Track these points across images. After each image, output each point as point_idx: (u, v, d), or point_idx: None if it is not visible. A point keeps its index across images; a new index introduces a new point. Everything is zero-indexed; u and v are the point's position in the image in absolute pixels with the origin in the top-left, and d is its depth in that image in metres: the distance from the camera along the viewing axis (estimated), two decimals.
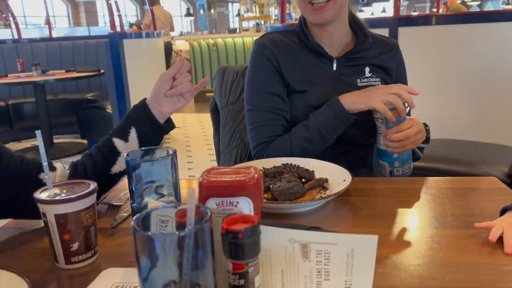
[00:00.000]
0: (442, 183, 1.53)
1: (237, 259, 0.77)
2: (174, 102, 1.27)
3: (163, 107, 1.28)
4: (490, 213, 1.27)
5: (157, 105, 1.30)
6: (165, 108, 1.31)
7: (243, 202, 0.86)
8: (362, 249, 0.82)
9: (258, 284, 0.81)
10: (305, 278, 0.87)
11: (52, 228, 1.02)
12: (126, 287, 0.96)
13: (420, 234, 1.16)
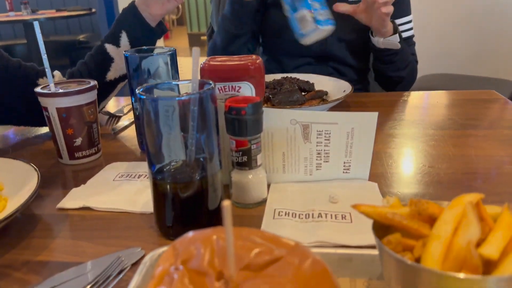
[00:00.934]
0: (441, 96, 1.54)
1: (240, 135, 0.79)
2: (164, 2, 1.21)
3: (153, 8, 1.22)
4: (489, 119, 1.29)
5: (146, 7, 1.23)
6: (155, 10, 1.24)
7: (245, 87, 0.86)
8: (362, 127, 0.83)
9: (260, 162, 0.83)
10: (305, 160, 0.89)
11: (54, 122, 1.03)
12: (130, 175, 0.98)
13: (419, 134, 1.18)
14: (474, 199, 0.46)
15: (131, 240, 0.74)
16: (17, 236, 0.78)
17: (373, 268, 0.60)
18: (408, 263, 0.43)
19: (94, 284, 0.62)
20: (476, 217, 0.44)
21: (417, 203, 0.48)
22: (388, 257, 0.45)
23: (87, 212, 0.85)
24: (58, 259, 0.71)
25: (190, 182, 0.72)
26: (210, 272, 0.41)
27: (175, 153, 0.75)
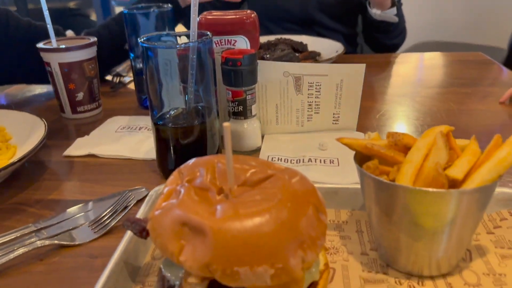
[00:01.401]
0: (430, 57, 1.59)
1: (236, 86, 0.84)
2: None
3: None
4: (473, 77, 1.34)
5: None
6: None
7: (240, 40, 0.90)
8: (350, 78, 0.89)
9: (255, 113, 0.88)
10: (297, 112, 0.94)
11: (57, 77, 1.07)
12: (132, 127, 1.03)
13: (407, 91, 1.24)
14: (445, 129, 0.52)
15: (136, 182, 0.80)
16: (28, 180, 0.83)
17: (356, 201, 0.67)
18: (384, 181, 0.49)
19: (103, 217, 0.68)
20: (444, 143, 0.50)
21: (394, 135, 0.54)
22: (367, 179, 0.51)
23: (92, 159, 0.90)
24: (68, 198, 0.77)
25: (190, 127, 0.77)
26: (212, 188, 0.47)
27: (174, 101, 0.80)
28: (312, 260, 0.41)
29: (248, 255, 0.39)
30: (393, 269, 0.55)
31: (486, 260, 0.56)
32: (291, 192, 0.44)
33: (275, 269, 0.39)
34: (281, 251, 0.39)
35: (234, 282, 0.39)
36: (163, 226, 0.43)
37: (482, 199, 0.48)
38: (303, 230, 0.41)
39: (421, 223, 0.49)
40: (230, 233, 0.39)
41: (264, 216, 0.41)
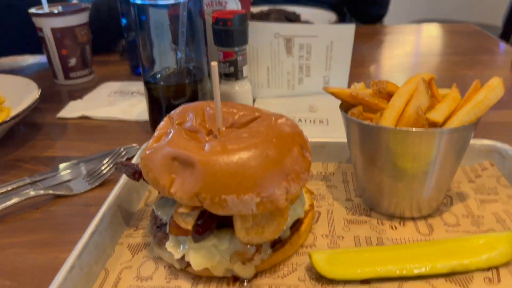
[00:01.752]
0: (423, 28, 1.61)
1: (227, 46, 0.84)
2: None
3: None
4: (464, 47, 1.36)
5: None
6: None
7: (231, 2, 0.91)
8: (340, 40, 0.90)
9: (246, 74, 0.89)
10: (288, 75, 0.95)
11: (49, 43, 1.07)
12: (124, 92, 1.04)
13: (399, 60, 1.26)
14: (427, 77, 0.54)
15: (128, 141, 0.81)
16: (23, 140, 0.85)
17: (343, 154, 0.69)
18: (367, 124, 0.51)
19: (97, 169, 0.69)
20: (426, 89, 0.51)
21: (378, 83, 0.56)
22: (352, 124, 0.53)
23: (85, 121, 0.92)
24: (63, 155, 0.78)
25: (181, 86, 0.78)
26: (201, 130, 0.48)
27: (166, 61, 0.81)
28: (296, 192, 0.43)
29: (235, 184, 0.41)
30: (376, 212, 0.57)
31: (465, 204, 0.58)
32: (277, 131, 0.46)
33: (261, 198, 0.41)
34: (267, 181, 0.41)
35: (222, 209, 0.41)
36: (154, 162, 0.45)
37: (460, 140, 0.50)
38: (288, 163, 0.43)
39: (402, 164, 0.51)
40: (218, 165, 0.41)
41: (251, 150, 0.42)
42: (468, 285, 0.44)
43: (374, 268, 0.45)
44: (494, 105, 0.50)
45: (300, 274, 0.47)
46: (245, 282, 0.46)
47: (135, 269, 0.49)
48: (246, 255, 0.45)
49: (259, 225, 0.44)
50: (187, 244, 0.46)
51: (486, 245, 0.46)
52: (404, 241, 0.52)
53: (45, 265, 0.51)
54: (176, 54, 0.78)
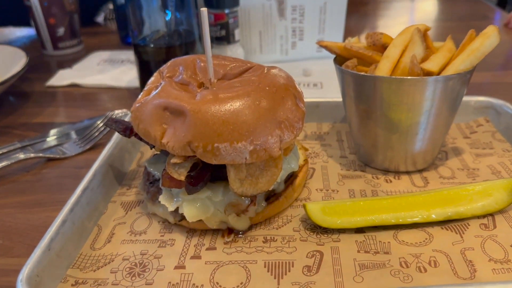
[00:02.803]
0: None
1: (218, 7, 0.83)
2: None
3: None
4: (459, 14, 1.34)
5: None
6: None
7: None
8: (333, 1, 0.88)
9: (238, 38, 0.87)
10: (281, 39, 0.94)
11: (37, 12, 1.04)
12: (114, 61, 1.02)
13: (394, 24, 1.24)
14: (422, 27, 0.53)
15: (119, 107, 0.80)
16: (12, 108, 0.83)
17: (337, 114, 0.68)
18: (362, 74, 0.50)
19: (88, 133, 0.68)
20: (421, 39, 0.50)
21: (372, 35, 0.54)
22: (347, 76, 0.52)
23: (75, 89, 0.90)
24: (53, 121, 0.77)
25: (171, 48, 0.77)
26: (192, 82, 0.47)
27: (156, 24, 0.79)
28: (289, 140, 0.43)
29: (228, 132, 0.40)
30: (371, 167, 0.57)
31: (461, 159, 0.58)
32: (270, 80, 0.45)
33: (254, 146, 0.40)
34: (260, 129, 0.40)
35: (215, 158, 0.40)
36: (145, 113, 0.44)
37: (455, 89, 0.49)
38: (281, 112, 0.42)
39: (397, 115, 0.50)
40: (210, 112, 0.40)
41: (243, 98, 0.41)
42: (464, 231, 0.44)
43: (368, 217, 0.45)
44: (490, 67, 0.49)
45: (295, 225, 0.47)
46: (240, 234, 0.46)
47: (128, 225, 0.48)
48: (241, 206, 0.45)
49: (253, 176, 0.43)
50: (181, 197, 0.45)
51: (481, 192, 0.46)
52: (399, 193, 0.51)
53: (37, 224, 0.51)
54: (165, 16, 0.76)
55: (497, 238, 0.43)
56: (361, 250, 0.43)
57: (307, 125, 0.68)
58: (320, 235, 0.45)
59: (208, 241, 0.45)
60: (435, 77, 0.47)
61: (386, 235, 0.44)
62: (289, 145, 0.44)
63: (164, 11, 0.77)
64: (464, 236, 0.43)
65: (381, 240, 0.44)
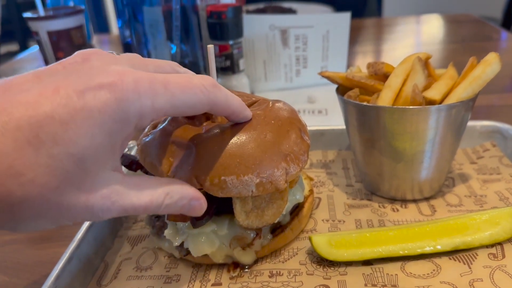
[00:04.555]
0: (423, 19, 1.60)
1: (222, 39, 0.84)
2: None
3: None
4: (462, 35, 1.35)
5: None
6: None
7: None
8: (336, 29, 0.89)
9: (243, 68, 0.89)
10: (285, 67, 0.95)
11: (46, 46, 1.07)
12: None
13: (396, 48, 1.25)
14: (423, 56, 0.53)
15: None
16: None
17: (342, 141, 0.68)
18: (364, 104, 0.50)
19: None
20: (422, 67, 0.51)
21: (374, 65, 0.55)
22: (349, 106, 0.53)
23: None
24: None
25: None
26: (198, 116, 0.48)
27: (162, 56, 0.81)
28: (295, 173, 0.43)
29: (234, 165, 0.40)
30: (377, 196, 0.57)
31: (468, 185, 0.57)
32: (275, 114, 0.45)
33: (260, 179, 0.40)
34: (266, 162, 0.41)
35: (222, 191, 0.40)
36: (151, 147, 0.45)
37: (458, 116, 0.49)
38: (286, 145, 0.43)
39: (401, 144, 0.50)
40: (217, 146, 0.41)
41: (249, 131, 0.42)
42: (472, 262, 0.43)
43: (375, 249, 0.44)
44: (496, 89, 0.49)
45: (301, 258, 0.46)
46: (246, 268, 0.46)
47: (134, 260, 0.48)
48: (246, 240, 0.45)
49: (259, 208, 0.43)
50: (186, 231, 0.45)
51: (489, 221, 0.46)
52: (406, 222, 0.51)
53: (44, 260, 0.51)
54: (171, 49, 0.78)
55: (506, 268, 0.42)
56: (368, 283, 0.42)
57: (312, 153, 0.68)
58: (326, 268, 0.44)
59: (214, 276, 0.45)
60: (437, 106, 0.47)
61: (394, 267, 0.44)
62: (294, 177, 0.44)
63: (169, 44, 0.79)
64: (472, 267, 0.43)
65: (388, 273, 0.43)
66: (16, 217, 0.29)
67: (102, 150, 0.30)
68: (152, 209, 0.34)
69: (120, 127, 0.31)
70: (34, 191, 0.28)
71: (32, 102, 0.28)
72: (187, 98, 0.34)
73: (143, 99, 0.31)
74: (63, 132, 0.28)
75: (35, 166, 0.28)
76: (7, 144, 0.27)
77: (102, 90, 0.30)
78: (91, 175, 0.31)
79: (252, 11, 1.51)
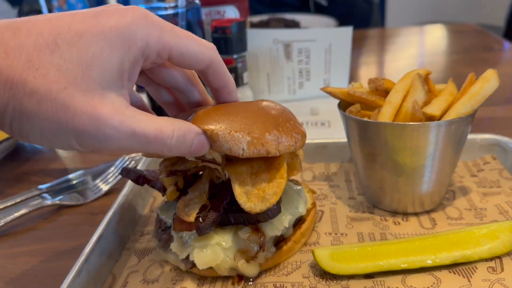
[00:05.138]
0: (425, 29, 1.61)
1: (226, 53, 0.86)
2: None
3: None
4: (464, 45, 1.36)
5: None
6: None
7: (229, 11, 0.93)
8: (338, 42, 0.91)
9: (247, 81, 0.90)
10: (289, 80, 0.96)
11: None
12: None
13: (398, 59, 1.26)
14: (423, 72, 0.55)
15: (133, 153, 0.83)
16: (31, 153, 0.86)
17: (344, 154, 0.70)
18: (365, 120, 0.51)
19: (103, 179, 0.71)
20: (422, 84, 0.52)
21: (375, 81, 0.56)
22: (351, 122, 0.54)
23: None
24: (69, 166, 0.79)
25: None
26: None
27: None
28: (288, 145, 0.43)
29: (227, 122, 0.41)
30: (379, 209, 0.58)
31: (468, 198, 0.58)
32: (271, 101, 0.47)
33: (251, 137, 0.41)
34: (258, 125, 0.42)
35: (214, 144, 0.41)
36: None
37: (458, 132, 0.50)
38: (280, 118, 0.44)
39: (401, 159, 0.51)
40: (213, 109, 0.43)
41: (245, 105, 0.44)
42: (471, 275, 0.44)
43: (377, 262, 0.45)
44: (498, 100, 0.51)
45: (304, 271, 0.47)
46: (250, 281, 0.47)
47: (141, 273, 0.50)
48: (250, 253, 0.46)
49: (259, 188, 0.43)
50: (191, 243, 0.46)
51: (488, 235, 0.46)
52: (408, 235, 0.52)
53: (54, 273, 0.52)
54: None
55: (504, 281, 0.43)
56: None
57: (315, 166, 0.69)
58: (329, 282, 0.45)
59: None
60: (437, 122, 0.49)
61: (395, 280, 0.45)
62: (287, 150, 0.44)
63: None
64: (471, 280, 0.44)
65: (389, 286, 0.44)
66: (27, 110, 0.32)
67: (109, 65, 0.34)
68: (163, 139, 0.36)
69: (127, 46, 0.35)
70: (45, 85, 0.32)
71: (53, 18, 0.34)
72: (192, 44, 0.38)
73: (150, 28, 0.36)
74: (76, 40, 0.33)
75: (49, 65, 0.32)
76: (29, 43, 0.32)
77: (115, 14, 0.35)
78: (99, 89, 0.34)
79: (256, 23, 1.53)
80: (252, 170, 0.44)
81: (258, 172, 0.44)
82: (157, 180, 0.52)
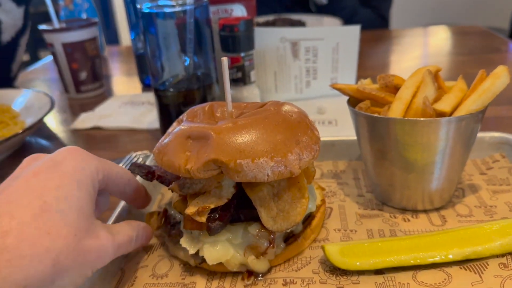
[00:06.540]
0: (431, 31, 1.61)
1: (234, 51, 0.86)
2: None
3: None
4: (470, 47, 1.36)
5: None
6: None
7: (237, 9, 0.93)
8: (345, 41, 0.91)
9: (254, 79, 0.90)
10: (296, 79, 0.96)
11: (60, 58, 1.10)
12: (135, 103, 1.06)
13: (405, 60, 1.26)
14: (433, 68, 0.54)
15: (140, 149, 0.83)
16: (38, 150, 0.86)
17: (353, 151, 0.69)
18: (375, 116, 0.51)
19: None
20: (432, 80, 0.52)
21: (384, 77, 0.56)
22: (360, 118, 0.54)
23: (97, 131, 0.93)
24: None
25: (190, 91, 0.80)
26: (211, 121, 0.49)
27: (175, 69, 0.83)
28: (308, 160, 0.44)
29: (249, 150, 0.42)
30: (389, 206, 0.57)
31: (478, 196, 0.58)
32: (286, 109, 0.48)
33: (275, 162, 0.42)
34: (279, 146, 0.43)
35: (238, 175, 0.42)
36: (168, 145, 0.46)
37: (468, 128, 0.50)
38: (298, 132, 0.45)
39: (412, 155, 0.51)
40: (232, 133, 0.43)
41: (263, 121, 0.44)
42: (483, 271, 0.44)
43: (387, 258, 0.45)
44: (505, 100, 0.50)
45: (314, 266, 0.47)
46: (260, 276, 0.47)
47: (150, 268, 0.49)
48: (259, 249, 0.46)
49: (284, 211, 0.45)
50: (201, 239, 0.46)
51: (499, 231, 0.46)
52: (417, 232, 0.52)
53: None
54: (184, 61, 0.79)
55: None
56: None
57: (323, 164, 0.69)
58: (339, 277, 0.45)
59: (228, 284, 0.46)
60: (448, 118, 0.48)
61: (405, 276, 0.45)
62: (308, 165, 0.45)
63: (183, 56, 0.80)
64: (483, 276, 0.43)
65: (400, 281, 0.44)
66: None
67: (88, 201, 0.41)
68: (132, 243, 0.45)
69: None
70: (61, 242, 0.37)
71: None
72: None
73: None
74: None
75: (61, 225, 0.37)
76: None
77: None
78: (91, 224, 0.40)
79: (262, 23, 1.53)
80: (273, 191, 0.46)
81: (280, 193, 0.46)
82: (167, 175, 0.52)
